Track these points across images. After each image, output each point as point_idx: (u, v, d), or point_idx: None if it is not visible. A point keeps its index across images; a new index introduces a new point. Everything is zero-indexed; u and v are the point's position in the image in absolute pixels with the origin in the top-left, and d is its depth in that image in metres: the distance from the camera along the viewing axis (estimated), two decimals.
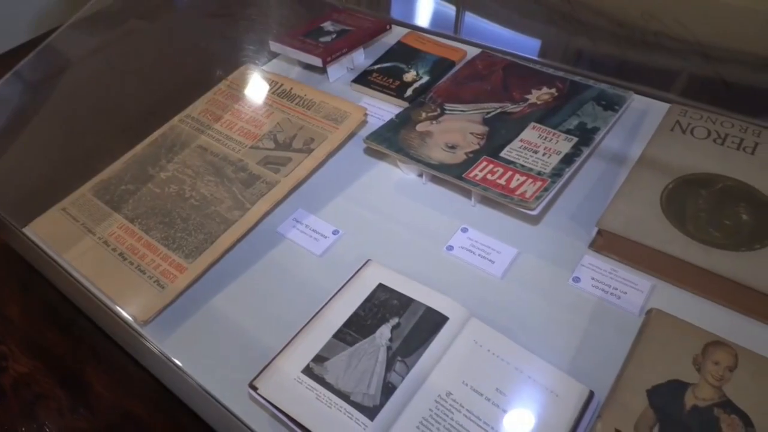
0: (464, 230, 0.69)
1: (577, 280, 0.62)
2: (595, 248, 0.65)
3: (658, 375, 0.49)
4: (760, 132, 0.71)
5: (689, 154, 0.69)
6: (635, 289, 0.61)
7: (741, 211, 0.62)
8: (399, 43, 0.98)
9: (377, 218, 0.72)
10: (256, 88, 0.88)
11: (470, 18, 0.97)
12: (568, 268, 0.63)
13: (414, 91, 0.88)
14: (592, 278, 0.62)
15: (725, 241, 0.59)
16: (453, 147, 0.73)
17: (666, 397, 0.48)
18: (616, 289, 0.61)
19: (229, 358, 0.59)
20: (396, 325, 0.56)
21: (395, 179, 0.76)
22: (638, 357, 0.51)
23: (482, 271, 0.64)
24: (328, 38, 0.94)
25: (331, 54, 0.90)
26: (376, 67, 0.94)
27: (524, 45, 0.91)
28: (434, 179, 0.75)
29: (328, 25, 0.98)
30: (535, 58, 0.85)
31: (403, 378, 0.52)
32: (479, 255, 0.66)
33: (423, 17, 1.01)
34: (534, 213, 0.63)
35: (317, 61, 0.89)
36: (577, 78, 0.83)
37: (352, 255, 0.67)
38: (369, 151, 0.79)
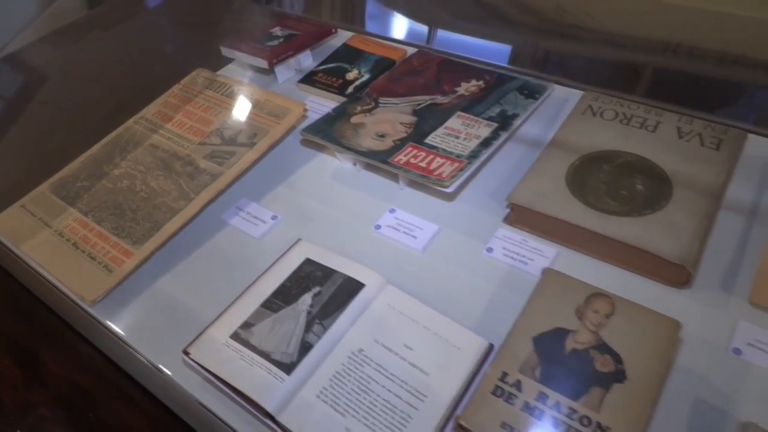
0: (392, 211, 0.74)
1: (490, 250, 0.68)
2: (509, 222, 0.70)
3: (544, 324, 0.55)
4: (662, 113, 0.77)
5: (597, 134, 0.76)
6: (541, 256, 0.66)
7: (637, 182, 0.68)
8: (344, 45, 1.04)
9: (314, 203, 0.77)
10: (206, 90, 0.93)
11: (408, 20, 1.03)
12: (483, 240, 0.69)
13: (355, 88, 0.94)
14: (504, 248, 0.68)
15: (619, 209, 0.65)
16: (383, 136, 0.79)
17: (549, 343, 0.53)
18: (524, 256, 0.66)
19: (171, 332, 0.64)
20: (317, 293, 0.61)
21: (332, 168, 0.82)
22: (529, 310, 0.56)
23: (405, 246, 0.70)
24: (275, 42, 1.00)
25: (276, 56, 0.96)
26: (321, 67, 1.00)
27: (457, 43, 0.97)
28: (368, 167, 0.81)
29: (277, 31, 1.04)
30: (464, 54, 0.92)
31: (320, 338, 0.57)
32: (404, 232, 0.71)
33: (365, 21, 1.07)
34: (449, 191, 0.69)
35: (263, 63, 0.95)
36: (504, 71, 0.90)
37: (288, 237, 0.72)
38: (310, 144, 0.85)
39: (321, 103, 0.93)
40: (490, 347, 0.57)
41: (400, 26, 1.06)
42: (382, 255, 0.69)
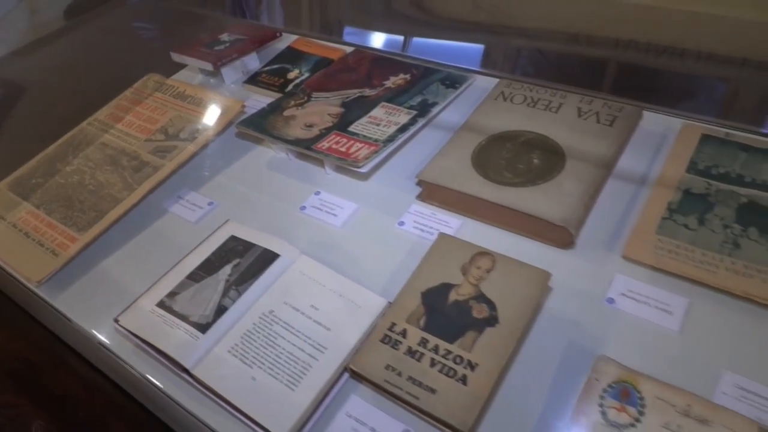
0: (317, 193, 0.80)
1: (401, 223, 0.74)
2: (421, 198, 0.77)
3: (433, 280, 0.61)
4: (566, 95, 0.83)
5: (505, 117, 0.82)
6: (447, 227, 0.72)
7: (534, 156, 0.75)
8: (288, 48, 1.11)
9: (247, 190, 0.84)
10: (155, 92, 1.00)
11: (344, 22, 1.11)
12: (397, 216, 0.75)
13: (295, 86, 1.00)
14: (415, 221, 0.74)
15: (515, 181, 0.71)
16: (310, 126, 0.86)
17: (435, 296, 0.59)
18: (432, 228, 0.72)
19: (108, 306, 0.69)
20: (236, 264, 0.67)
21: (267, 159, 0.89)
22: (420, 269, 0.62)
23: (325, 223, 0.76)
24: (221, 47, 1.07)
25: (220, 59, 1.03)
26: (265, 68, 1.07)
27: (386, 41, 1.05)
28: (299, 156, 0.87)
29: (224, 36, 1.11)
30: (391, 50, 0.99)
31: (235, 301, 0.63)
32: (325, 211, 0.78)
33: (307, 24, 1.14)
34: (363, 170, 0.76)
35: (209, 66, 1.02)
36: (430, 65, 0.97)
37: (221, 220, 0.78)
38: (244, 136, 0.92)
39: (264, 101, 0.99)
40: (389, 305, 0.62)
41: (336, 28, 1.13)
42: (305, 232, 0.75)
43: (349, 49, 1.07)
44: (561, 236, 0.66)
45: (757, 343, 0.55)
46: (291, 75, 1.03)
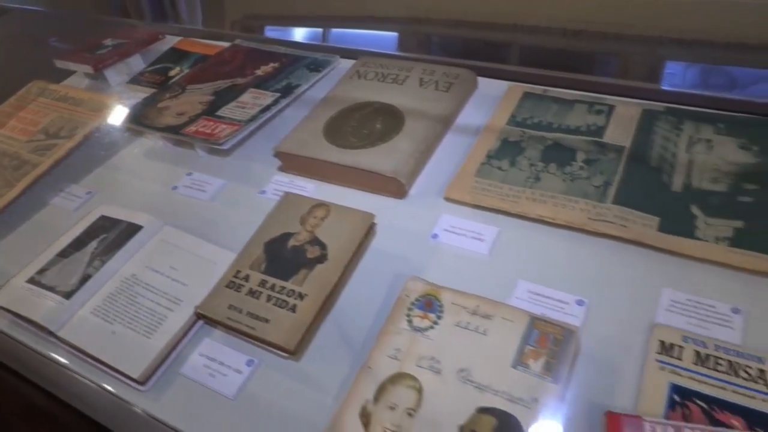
0: (189, 174, 0.87)
1: (263, 192, 0.81)
2: (281, 169, 0.84)
3: (275, 231, 0.69)
4: (411, 68, 0.93)
5: (357, 91, 0.91)
6: (303, 191, 0.80)
7: (378, 122, 0.83)
8: (171, 48, 1.17)
9: (125, 177, 0.90)
10: (39, 97, 1.05)
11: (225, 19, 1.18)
12: (259, 186, 0.82)
13: (173, 82, 1.07)
14: (275, 189, 0.81)
15: (358, 144, 0.80)
16: (182, 114, 0.92)
17: (276, 245, 0.67)
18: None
19: None
20: (103, 239, 0.73)
21: (145, 149, 0.95)
22: (264, 223, 0.70)
23: (195, 200, 0.83)
24: (104, 51, 1.13)
25: (101, 62, 1.08)
26: (149, 68, 1.13)
27: (267, 33, 1.13)
28: (175, 143, 0.93)
29: (107, 42, 1.16)
30: (266, 38, 1.07)
31: (98, 270, 0.69)
32: (195, 189, 0.84)
33: (187, 23, 1.21)
34: (223, 148, 0.83)
35: (89, 69, 1.07)
36: (301, 52, 1.05)
37: (98, 205, 0.84)
38: (126, 130, 0.97)
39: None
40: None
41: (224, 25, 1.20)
42: (177, 208, 0.82)
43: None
44: (395, 187, 0.75)
45: (546, 255, 0.65)
46: (172, 72, 1.09)
